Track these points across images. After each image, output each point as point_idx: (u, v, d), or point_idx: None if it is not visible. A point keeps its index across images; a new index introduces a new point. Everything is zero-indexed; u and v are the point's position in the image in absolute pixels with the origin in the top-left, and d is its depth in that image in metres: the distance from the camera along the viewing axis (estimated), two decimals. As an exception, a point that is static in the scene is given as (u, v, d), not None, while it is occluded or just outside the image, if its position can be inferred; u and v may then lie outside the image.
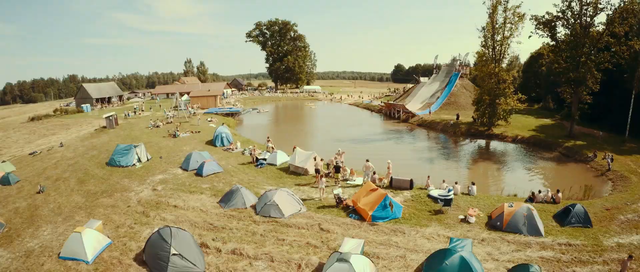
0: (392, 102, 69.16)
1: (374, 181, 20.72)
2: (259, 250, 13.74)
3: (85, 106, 70.14)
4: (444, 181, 20.60)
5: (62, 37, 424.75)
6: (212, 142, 34.13)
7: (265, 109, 73.22)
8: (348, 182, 22.09)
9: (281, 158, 26.69)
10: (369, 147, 37.42)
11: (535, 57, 74.73)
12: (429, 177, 21.34)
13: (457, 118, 49.53)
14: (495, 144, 39.49)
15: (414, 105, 63.62)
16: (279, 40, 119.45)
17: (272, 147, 29.71)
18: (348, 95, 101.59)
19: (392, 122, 55.61)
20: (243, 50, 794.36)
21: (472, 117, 47.26)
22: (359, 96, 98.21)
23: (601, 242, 14.86)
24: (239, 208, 17.69)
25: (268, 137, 31.79)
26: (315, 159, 22.37)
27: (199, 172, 23.86)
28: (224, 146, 32.99)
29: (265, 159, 26.56)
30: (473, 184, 20.12)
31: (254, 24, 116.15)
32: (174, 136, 37.88)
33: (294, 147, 25.68)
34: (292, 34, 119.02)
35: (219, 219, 16.81)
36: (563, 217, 16.54)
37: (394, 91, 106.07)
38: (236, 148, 31.38)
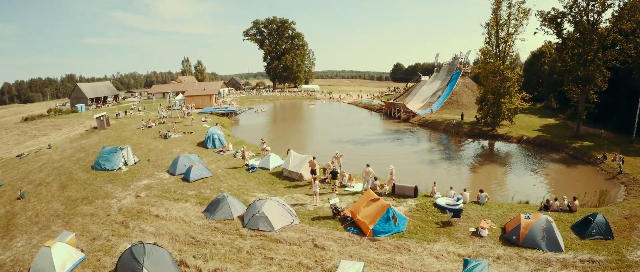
0: (392, 101, 67.54)
1: (374, 188, 19.13)
2: (243, 271, 12.16)
3: (80, 106, 69.17)
4: (451, 188, 18.95)
5: (62, 37, 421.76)
6: (204, 144, 32.52)
7: (263, 108, 71.67)
8: (346, 188, 20.42)
9: (274, 162, 24.96)
10: (368, 149, 35.84)
11: (537, 56, 73.48)
12: (434, 183, 19.69)
13: (462, 118, 47.92)
14: (500, 145, 38.00)
15: (414, 104, 62.07)
16: (277, 38, 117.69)
17: (268, 149, 28.00)
18: (347, 94, 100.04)
19: (393, 122, 54.06)
20: (242, 49, 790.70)
21: (476, 116, 45.74)
22: (358, 95, 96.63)
23: (625, 257, 13.40)
24: (225, 219, 16.06)
25: (262, 140, 30.05)
26: (310, 162, 20.72)
27: (186, 177, 22.26)
28: (215, 147, 31.32)
29: (253, 167, 24.75)
30: (482, 191, 18.49)
31: (251, 22, 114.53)
32: (165, 137, 36.29)
33: (288, 150, 24.04)
34: (290, 32, 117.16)
35: (202, 231, 15.19)
36: (583, 229, 15.02)
37: (394, 90, 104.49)
38: (228, 150, 29.73)
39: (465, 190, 18.68)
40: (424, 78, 76.05)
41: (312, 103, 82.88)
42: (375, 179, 19.90)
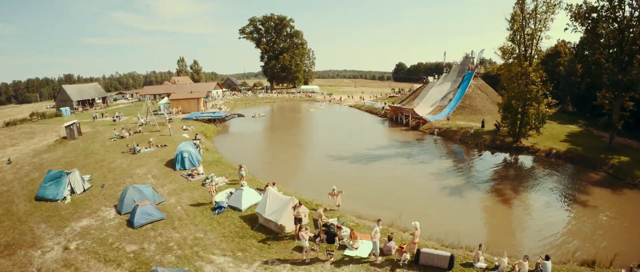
0: (398, 105, 61.70)
1: (389, 252, 13.54)
2: None
3: (65, 109, 64.91)
4: (506, 254, 12.81)
5: (62, 37, 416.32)
6: (173, 163, 26.76)
7: (261, 113, 65.42)
8: (346, 252, 14.16)
9: (248, 199, 18.50)
10: (372, 170, 29.39)
11: (552, 56, 67.71)
12: (480, 245, 13.40)
13: (482, 126, 41.88)
14: (527, 161, 32.33)
15: (423, 108, 56.29)
16: (275, 36, 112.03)
17: (243, 176, 21.80)
18: (348, 96, 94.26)
19: (400, 130, 48.26)
20: (242, 49, 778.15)
21: (495, 124, 40.11)
22: (360, 97, 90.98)
23: None
24: (155, 314, 10.65)
25: (240, 166, 23.25)
26: (295, 207, 14.99)
27: (131, 220, 16.73)
28: (185, 169, 25.38)
29: (221, 206, 18.43)
30: (547, 258, 12.40)
31: (248, 20, 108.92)
32: (133, 151, 30.93)
33: (267, 186, 18.27)
34: (288, 30, 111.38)
35: None
36: None
37: (399, 91, 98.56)
38: (198, 174, 23.87)
39: (506, 255, 12.72)
40: (431, 79, 70.52)
41: (313, 106, 77.28)
42: (390, 239, 13.87)
